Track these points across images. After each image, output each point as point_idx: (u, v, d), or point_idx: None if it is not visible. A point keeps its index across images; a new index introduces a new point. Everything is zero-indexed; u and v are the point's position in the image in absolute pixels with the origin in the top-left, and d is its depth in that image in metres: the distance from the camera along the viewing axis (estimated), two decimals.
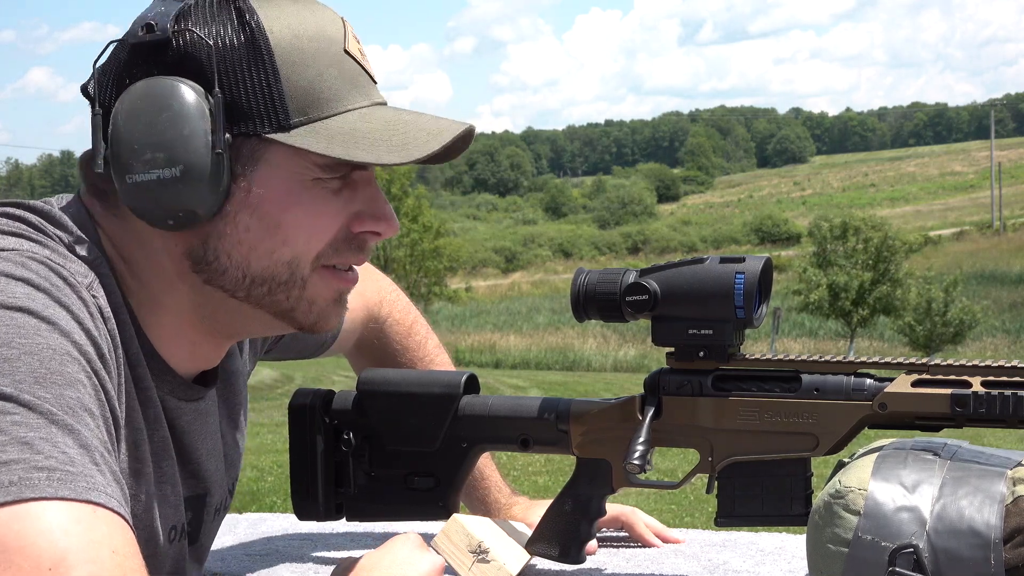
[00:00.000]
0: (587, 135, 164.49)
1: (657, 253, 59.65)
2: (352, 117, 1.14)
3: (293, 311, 1.19)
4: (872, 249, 27.13)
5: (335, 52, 1.15)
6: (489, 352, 30.97)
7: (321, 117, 1.13)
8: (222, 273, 1.15)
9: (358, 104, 1.15)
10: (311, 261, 1.17)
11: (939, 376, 1.28)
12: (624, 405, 1.42)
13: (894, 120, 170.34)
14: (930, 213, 72.84)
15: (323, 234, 1.16)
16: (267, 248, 1.14)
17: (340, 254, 1.18)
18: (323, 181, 1.15)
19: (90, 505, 0.91)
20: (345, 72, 1.15)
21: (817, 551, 1.24)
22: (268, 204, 1.13)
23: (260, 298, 1.17)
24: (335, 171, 1.15)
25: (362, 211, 1.18)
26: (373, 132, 1.13)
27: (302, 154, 1.12)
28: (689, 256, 1.40)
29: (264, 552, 1.72)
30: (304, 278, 1.17)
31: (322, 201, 1.15)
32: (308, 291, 1.18)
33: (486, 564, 1.39)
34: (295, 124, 1.12)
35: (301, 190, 1.14)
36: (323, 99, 1.13)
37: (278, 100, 1.11)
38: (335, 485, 1.53)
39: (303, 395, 1.53)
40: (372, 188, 1.19)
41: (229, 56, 1.11)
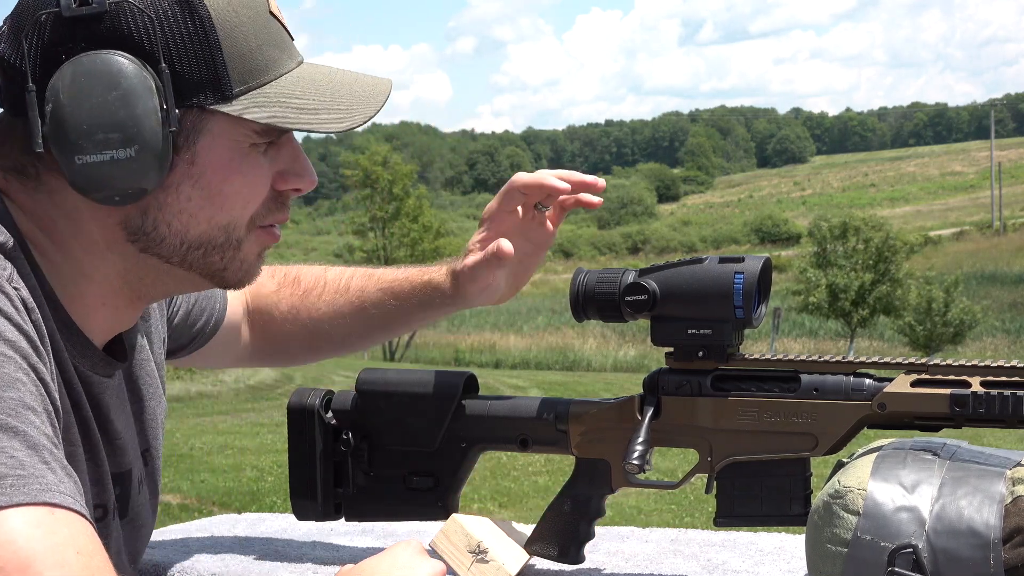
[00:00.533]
0: (587, 135, 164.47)
1: (657, 253, 59.68)
2: (286, 82, 1.14)
3: (225, 271, 1.20)
4: (872, 249, 27.13)
5: (263, 16, 1.14)
6: (489, 352, 30.97)
7: (259, 84, 1.12)
8: (160, 242, 1.15)
9: (288, 67, 1.16)
10: (246, 224, 1.18)
11: (938, 376, 1.28)
12: (623, 405, 1.42)
13: (894, 120, 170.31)
14: (930, 213, 72.83)
15: (258, 197, 1.18)
16: (207, 215, 1.15)
17: (271, 213, 1.20)
18: (257, 146, 1.16)
19: (47, 507, 0.90)
20: (273, 35, 1.15)
21: (816, 551, 1.24)
22: (210, 174, 1.14)
23: (194, 261, 1.18)
24: (270, 135, 1.16)
25: (285, 169, 1.19)
26: (311, 98, 1.14)
27: (242, 122, 1.12)
28: (688, 256, 1.40)
29: (264, 552, 1.72)
30: (239, 239, 1.19)
31: (256, 165, 1.16)
32: (242, 251, 1.20)
33: (485, 564, 1.39)
34: (237, 94, 1.11)
35: (240, 157, 1.15)
36: (259, 66, 1.13)
37: (221, 70, 1.10)
38: (334, 485, 1.53)
39: (303, 395, 1.53)
40: (292, 145, 1.20)
41: (169, 27, 1.09)
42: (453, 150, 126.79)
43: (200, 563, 1.66)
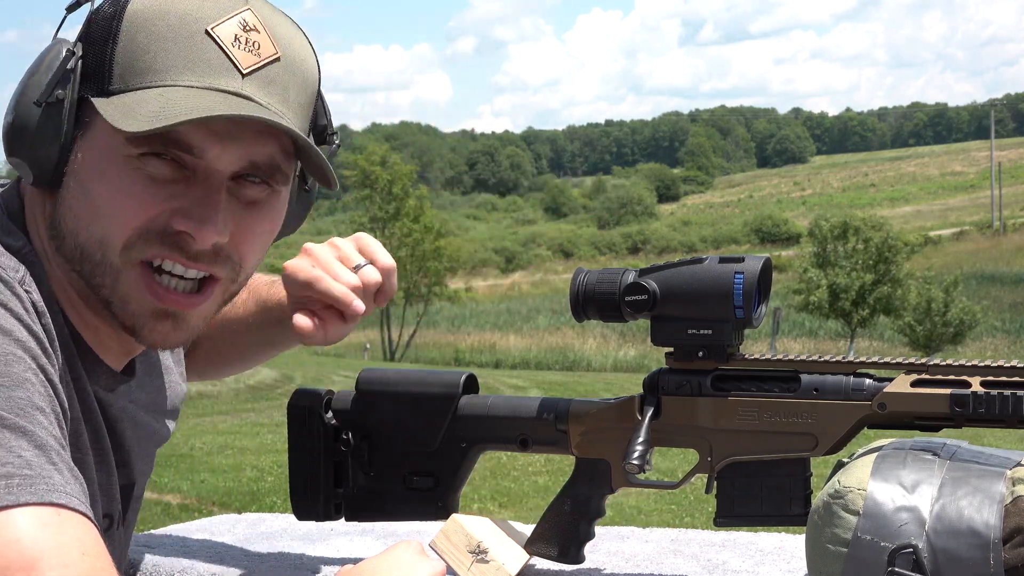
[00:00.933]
0: (587, 135, 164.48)
1: (657, 253, 59.68)
2: (155, 92, 1.06)
3: (110, 303, 1.13)
4: (872, 249, 27.13)
5: (190, 30, 1.08)
6: (489, 352, 30.98)
7: (133, 88, 1.08)
8: (63, 240, 1.12)
9: (181, 82, 1.07)
10: (119, 248, 1.10)
11: (938, 376, 1.28)
12: (623, 405, 1.42)
13: (894, 120, 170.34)
14: (930, 213, 72.83)
15: (129, 218, 1.09)
16: (85, 220, 1.10)
17: (151, 247, 1.10)
18: (140, 161, 1.08)
19: (54, 507, 0.91)
20: (189, 51, 1.08)
21: (816, 551, 1.24)
22: (84, 171, 1.10)
23: (87, 277, 1.12)
24: (142, 147, 1.07)
25: (183, 208, 1.10)
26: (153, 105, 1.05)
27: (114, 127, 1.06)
28: (688, 256, 1.40)
29: (264, 552, 1.72)
30: (115, 266, 1.11)
31: (131, 183, 1.08)
32: (121, 285, 1.12)
33: (485, 564, 1.39)
34: (114, 91, 1.08)
35: (110, 164, 1.09)
36: (145, 71, 1.07)
37: (107, 65, 1.09)
38: (334, 485, 1.53)
39: (303, 395, 1.53)
40: (206, 188, 1.10)
41: (98, 20, 1.11)
42: (453, 150, 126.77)
43: (200, 563, 1.66)
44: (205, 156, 1.09)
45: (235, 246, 1.13)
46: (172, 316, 1.14)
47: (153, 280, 1.12)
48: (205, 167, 1.09)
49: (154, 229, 1.09)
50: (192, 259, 1.11)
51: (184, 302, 1.13)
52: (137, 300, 1.12)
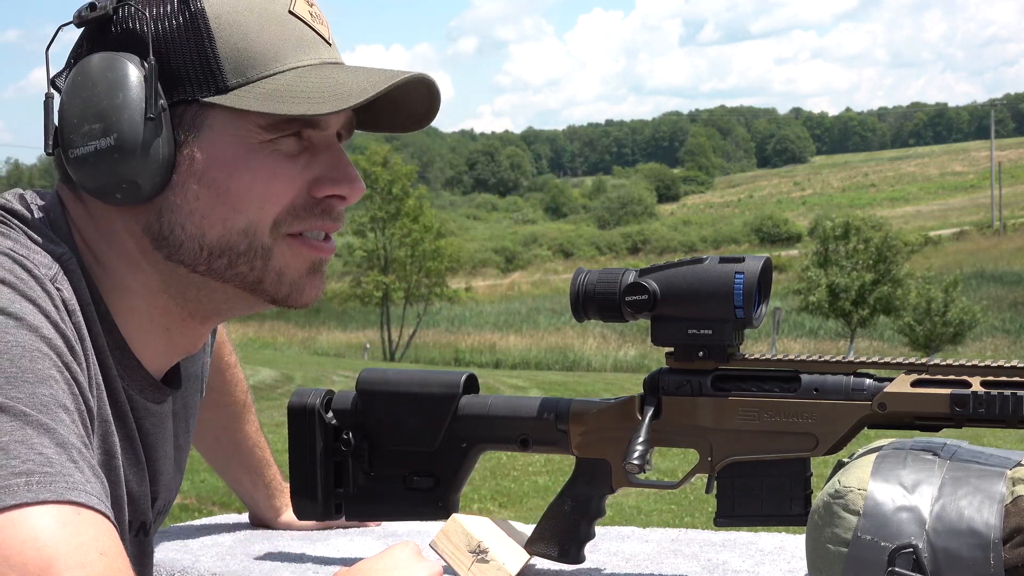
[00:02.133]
0: (587, 135, 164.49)
1: (657, 253, 59.65)
2: (290, 76, 1.11)
3: (261, 283, 1.16)
4: (873, 249, 27.13)
5: (278, 13, 1.12)
6: (489, 352, 30.96)
7: (259, 77, 1.10)
8: (179, 247, 1.13)
9: (302, 63, 1.12)
10: (269, 228, 1.13)
11: (938, 376, 1.28)
12: (623, 405, 1.42)
13: (894, 120, 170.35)
14: (930, 213, 72.80)
15: (278, 199, 1.13)
16: (219, 216, 1.12)
17: (303, 220, 1.15)
18: (273, 143, 1.12)
19: (73, 506, 0.90)
20: (288, 32, 1.12)
21: (816, 551, 1.24)
22: (214, 170, 1.11)
23: (222, 271, 1.14)
24: (280, 131, 1.12)
25: (322, 175, 1.15)
26: (309, 87, 1.10)
27: (243, 116, 1.10)
28: (689, 256, 1.40)
29: (264, 552, 1.72)
30: (266, 247, 1.14)
31: (273, 164, 1.12)
32: (274, 261, 1.15)
33: (485, 564, 1.39)
34: (233, 86, 1.10)
35: (248, 153, 1.11)
36: (261, 60, 1.10)
37: (213, 63, 1.10)
38: (334, 485, 1.53)
39: (303, 395, 1.53)
40: (333, 151, 1.16)
41: (165, 24, 1.10)
42: (453, 150, 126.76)
43: (200, 563, 1.66)
44: (328, 126, 1.15)
45: None
46: (320, 269, 1.19)
47: (304, 240, 1.16)
48: (322, 135, 1.15)
49: (300, 203, 1.14)
50: (335, 220, 1.18)
51: (330, 248, 1.20)
52: (294, 266, 1.16)
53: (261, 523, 1.87)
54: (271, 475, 1.84)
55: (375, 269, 32.17)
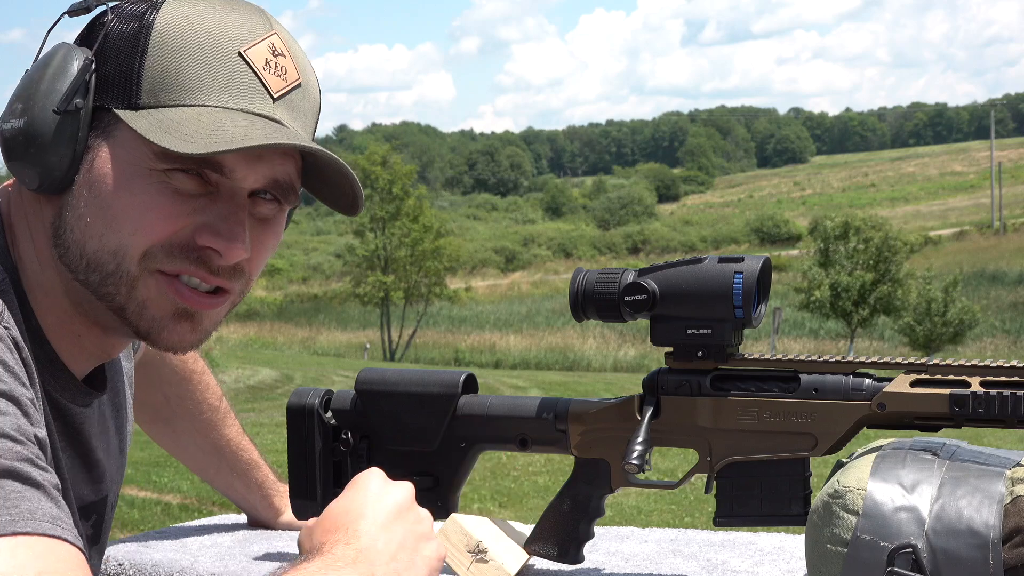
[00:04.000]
0: (587, 135, 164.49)
1: (657, 253, 59.65)
2: (194, 111, 1.07)
3: (124, 310, 1.13)
4: (873, 249, 27.13)
5: (223, 51, 1.10)
6: (489, 352, 30.97)
7: (166, 104, 1.08)
8: (66, 249, 1.11)
9: (217, 103, 1.09)
10: (137, 258, 1.10)
11: (938, 376, 1.28)
12: (623, 405, 1.42)
13: (894, 120, 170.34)
14: (930, 213, 72.80)
15: (150, 230, 1.09)
16: (97, 230, 1.10)
17: (176, 261, 1.11)
18: (165, 175, 1.08)
19: (41, 537, 0.88)
20: (222, 71, 1.09)
21: (816, 551, 1.24)
22: (104, 182, 1.09)
23: (96, 286, 1.12)
24: (172, 163, 1.08)
25: (208, 223, 1.11)
26: (199, 126, 1.06)
27: (143, 139, 1.06)
28: (688, 256, 1.40)
29: (263, 552, 1.72)
30: (131, 275, 1.10)
31: (156, 195, 1.09)
32: (138, 292, 1.12)
33: (484, 564, 1.39)
34: (142, 105, 1.08)
35: (135, 176, 1.08)
36: (176, 88, 1.08)
37: (134, 78, 1.09)
38: (334, 485, 1.53)
39: (302, 395, 1.53)
40: (231, 205, 1.11)
41: (118, 30, 1.10)
42: (453, 150, 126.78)
43: (199, 563, 1.66)
44: (234, 175, 1.11)
45: (248, 261, 1.15)
46: (191, 317, 1.14)
47: (174, 281, 1.12)
48: (230, 184, 1.11)
49: (177, 243, 1.10)
50: (213, 273, 1.12)
51: (204, 302, 1.14)
52: (157, 304, 1.12)
53: (260, 525, 1.87)
54: (262, 476, 1.84)
55: (375, 269, 32.17)
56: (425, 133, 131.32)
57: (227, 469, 1.81)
